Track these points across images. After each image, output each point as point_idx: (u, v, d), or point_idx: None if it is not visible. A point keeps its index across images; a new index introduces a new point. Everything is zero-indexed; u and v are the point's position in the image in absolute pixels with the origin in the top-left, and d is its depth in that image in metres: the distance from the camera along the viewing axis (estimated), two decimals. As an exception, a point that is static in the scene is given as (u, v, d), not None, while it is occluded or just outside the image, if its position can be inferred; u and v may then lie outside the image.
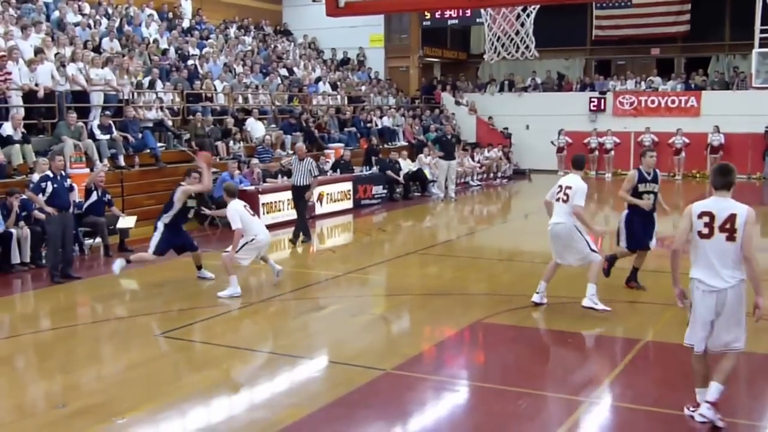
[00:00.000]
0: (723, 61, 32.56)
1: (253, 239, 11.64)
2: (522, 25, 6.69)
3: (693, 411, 6.49)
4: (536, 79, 33.21)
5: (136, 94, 19.90)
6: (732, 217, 6.19)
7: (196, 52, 24.28)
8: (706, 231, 6.24)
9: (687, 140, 28.62)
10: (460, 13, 30.77)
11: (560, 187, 10.14)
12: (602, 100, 30.98)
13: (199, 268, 12.57)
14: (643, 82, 31.50)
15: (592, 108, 31.01)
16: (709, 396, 6.33)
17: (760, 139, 27.99)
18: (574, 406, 7.20)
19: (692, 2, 31.44)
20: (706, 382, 6.44)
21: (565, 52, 34.00)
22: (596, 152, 30.11)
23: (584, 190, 10.03)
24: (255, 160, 19.58)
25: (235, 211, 11.50)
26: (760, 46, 27.62)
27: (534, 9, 6.52)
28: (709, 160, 27.58)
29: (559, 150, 30.51)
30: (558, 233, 10.15)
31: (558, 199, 10.13)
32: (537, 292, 10.46)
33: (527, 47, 6.53)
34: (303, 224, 16.17)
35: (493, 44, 6.51)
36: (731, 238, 6.18)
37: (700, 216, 6.27)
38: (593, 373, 8.45)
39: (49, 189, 12.52)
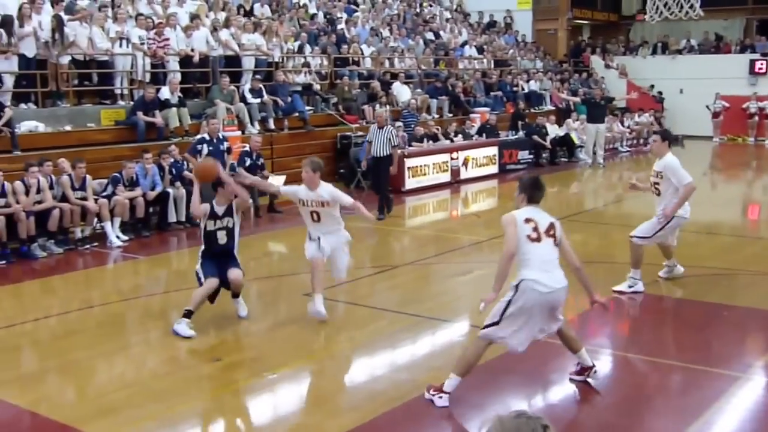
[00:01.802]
0: None
1: None
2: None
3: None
4: (692, 41, 31.79)
5: (285, 58, 20.28)
6: (552, 225, 6.36)
7: (344, 16, 24.49)
8: (534, 235, 6.28)
9: None
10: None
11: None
12: (764, 63, 29.35)
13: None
14: (809, 43, 29.67)
15: (752, 71, 29.44)
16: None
17: None
18: (729, 382, 6.92)
19: None
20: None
21: (723, 12, 32.29)
22: (756, 117, 28.62)
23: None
24: (400, 124, 19.66)
25: None
26: None
27: (699, -36, 6.17)
28: None
29: (715, 115, 29.19)
30: None
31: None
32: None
33: (691, 6, 6.18)
34: (386, 197, 15.09)
35: (654, 2, 6.20)
36: (556, 243, 6.35)
37: (526, 221, 6.30)
38: (749, 349, 8.09)
39: (205, 151, 12.99)
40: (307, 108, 19.39)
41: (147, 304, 9.87)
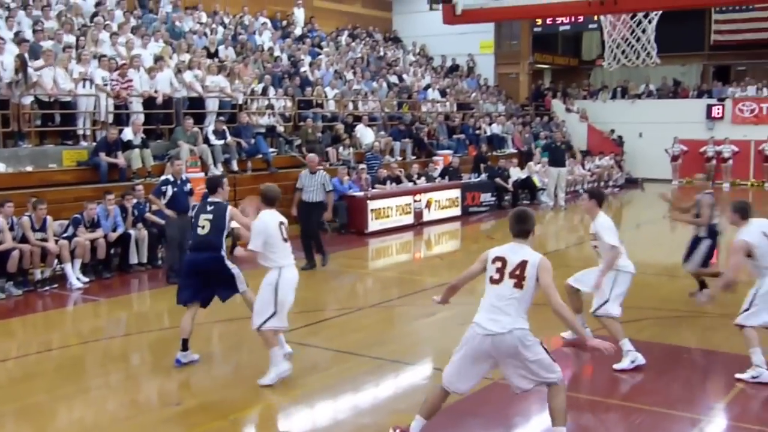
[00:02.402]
0: None
1: None
2: (643, 31, 6.50)
3: None
4: (651, 86, 32.41)
5: (249, 100, 20.34)
6: (523, 264, 6.04)
7: (308, 59, 24.65)
8: (497, 276, 6.12)
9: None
10: (572, 19, 30.32)
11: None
12: (720, 107, 29.97)
13: None
14: (765, 89, 30.33)
15: (709, 115, 30.03)
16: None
17: None
18: (691, 425, 6.97)
19: (818, 5, 30.16)
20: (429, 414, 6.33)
21: (681, 57, 33.03)
22: (713, 161, 29.16)
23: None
24: (364, 166, 19.73)
25: None
26: None
27: (656, 15, 6.34)
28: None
29: (674, 158, 29.69)
30: None
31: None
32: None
33: (648, 54, 6.35)
34: (320, 246, 14.29)
35: (612, 51, 6.35)
36: (519, 285, 6.04)
37: (494, 261, 6.15)
38: (710, 391, 8.16)
39: (170, 193, 12.94)
40: (271, 150, 19.41)
41: (107, 346, 9.75)
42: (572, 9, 6.54)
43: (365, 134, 22.27)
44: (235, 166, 18.13)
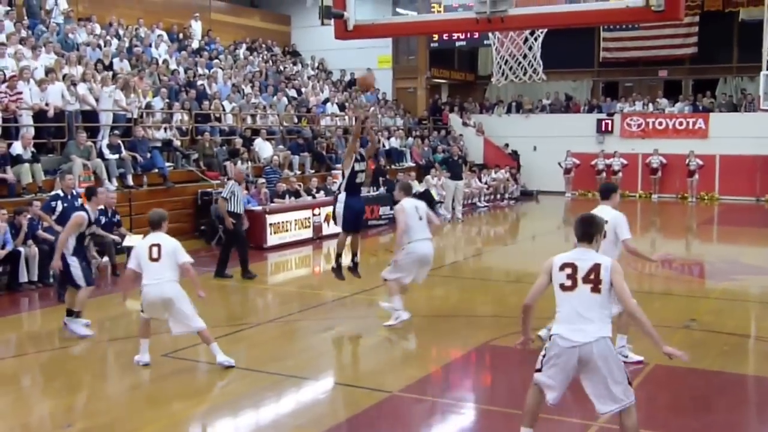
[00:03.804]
0: (731, 83, 32.62)
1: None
2: (530, 48, 6.72)
3: None
4: (544, 101, 33.26)
5: (145, 114, 20.00)
6: (596, 268, 5.81)
7: (206, 72, 24.40)
8: (569, 283, 5.84)
9: (701, 162, 28.48)
10: (468, 35, 30.84)
11: None
12: (610, 122, 30.99)
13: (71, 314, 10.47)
14: (651, 104, 31.52)
15: (599, 129, 31.01)
16: None
17: (768, 161, 27.92)
18: (583, 431, 7.17)
19: (700, 25, 31.50)
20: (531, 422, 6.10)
21: (572, 73, 34.08)
22: (603, 174, 30.09)
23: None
24: (262, 180, 19.61)
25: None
26: (768, 68, 27.68)
27: (542, 32, 6.55)
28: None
29: (567, 171, 30.52)
30: None
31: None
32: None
33: (535, 70, 6.55)
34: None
35: (500, 67, 6.54)
36: (596, 289, 5.78)
37: (561, 268, 5.89)
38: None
39: (59, 208, 12.61)
40: (167, 164, 19.11)
41: (-5, 369, 9.41)
42: (461, 26, 6.74)
43: (264, 148, 22.16)
44: (130, 180, 17.78)
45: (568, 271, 5.83)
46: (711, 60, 32.31)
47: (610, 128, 30.93)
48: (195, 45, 26.59)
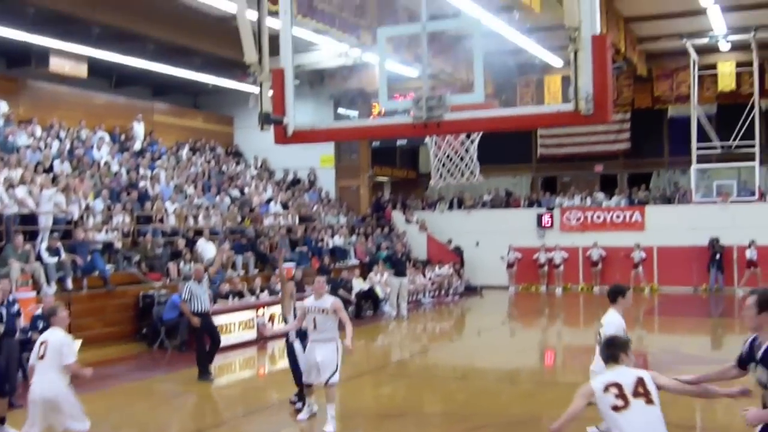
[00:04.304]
0: (664, 176, 33.71)
1: None
2: (467, 150, 6.94)
3: None
4: (485, 197, 33.82)
5: (85, 216, 19.83)
6: (640, 380, 5.80)
7: (148, 173, 24.38)
8: (621, 403, 5.71)
9: (644, 255, 29.01)
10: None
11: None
12: (549, 216, 31.57)
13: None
14: (588, 198, 32.26)
15: (540, 224, 31.54)
16: None
17: (704, 251, 28.57)
18: None
19: (631, 121, 32.67)
20: None
21: (512, 169, 34.89)
22: (545, 267, 30.46)
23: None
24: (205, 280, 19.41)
25: None
26: (698, 162, 28.71)
27: (478, 135, 6.79)
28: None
29: (509, 266, 30.82)
30: None
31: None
32: None
33: (472, 172, 6.77)
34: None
35: (438, 169, 6.73)
36: (649, 401, 5.74)
37: (606, 389, 5.78)
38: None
39: (-6, 314, 12.27)
40: (108, 266, 18.88)
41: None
42: (398, 131, 6.91)
43: (206, 249, 22.03)
44: (70, 284, 17.49)
45: (615, 391, 5.73)
46: (644, 155, 33.47)
47: (550, 222, 31.47)
48: (137, 146, 26.62)
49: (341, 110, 32.44)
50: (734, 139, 28.88)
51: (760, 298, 5.90)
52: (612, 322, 8.37)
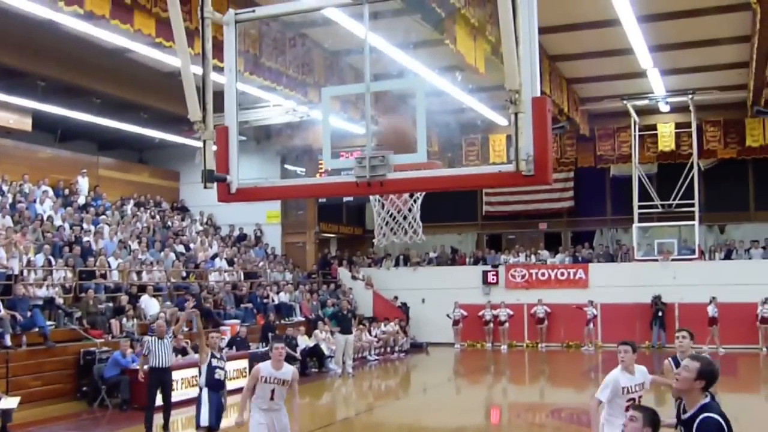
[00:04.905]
0: (606, 234, 34.27)
1: None
2: (409, 210, 7.01)
3: None
4: (430, 254, 33.99)
5: (26, 271, 19.48)
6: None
7: (92, 228, 24.09)
8: None
9: (595, 312, 29.29)
10: (356, 193, 31.53)
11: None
12: (495, 273, 31.80)
13: None
14: (533, 256, 32.62)
15: (485, 281, 31.75)
16: None
17: (646, 309, 29.00)
18: None
19: (575, 180, 33.30)
20: None
21: (457, 227, 35.20)
22: (491, 324, 30.60)
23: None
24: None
25: None
26: (639, 220, 29.32)
27: (421, 195, 6.89)
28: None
29: (455, 323, 30.88)
30: None
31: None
32: None
33: (415, 231, 6.85)
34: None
35: (381, 228, 6.79)
36: None
37: None
38: None
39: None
40: (49, 323, 18.49)
41: None
42: (341, 190, 6.97)
43: (150, 305, 21.75)
44: (8, 340, 17.10)
45: None
46: (587, 213, 34.05)
47: (495, 280, 31.70)
48: (81, 201, 26.34)
49: (288, 167, 32.55)
50: (674, 199, 29.63)
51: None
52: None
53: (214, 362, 11.91)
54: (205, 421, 11.56)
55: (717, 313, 27.43)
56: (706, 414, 5.57)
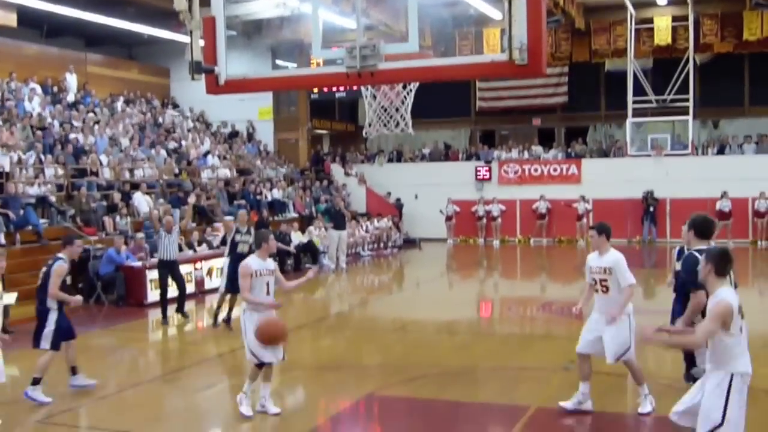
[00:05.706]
0: (600, 130, 34.13)
1: None
2: (402, 102, 6.89)
3: None
4: (423, 150, 33.87)
5: (17, 169, 19.37)
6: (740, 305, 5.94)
7: (81, 125, 23.86)
8: (743, 323, 5.92)
9: (589, 206, 29.38)
10: (348, 87, 31.22)
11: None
12: (488, 169, 31.76)
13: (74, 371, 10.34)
14: (526, 151, 32.53)
15: (478, 177, 31.73)
16: None
17: (638, 204, 29.11)
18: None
19: (569, 75, 32.91)
20: None
21: (450, 123, 34.99)
22: (483, 220, 30.74)
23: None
24: (141, 235, 19.21)
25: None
26: (633, 116, 29.11)
27: (414, 86, 6.73)
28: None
29: (448, 218, 31.02)
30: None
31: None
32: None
33: (406, 123, 6.74)
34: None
35: (371, 120, 6.67)
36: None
37: (739, 311, 5.86)
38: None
39: None
40: (42, 221, 18.53)
41: None
42: (331, 81, 6.85)
43: (143, 202, 21.75)
44: (2, 238, 17.14)
45: (741, 312, 5.88)
46: (581, 108, 33.79)
47: (488, 175, 31.68)
48: (70, 98, 26.02)
49: (279, 61, 32.08)
50: (669, 94, 29.36)
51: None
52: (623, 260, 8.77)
53: (238, 237, 14.19)
54: (223, 287, 14.32)
55: (728, 208, 27.53)
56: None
